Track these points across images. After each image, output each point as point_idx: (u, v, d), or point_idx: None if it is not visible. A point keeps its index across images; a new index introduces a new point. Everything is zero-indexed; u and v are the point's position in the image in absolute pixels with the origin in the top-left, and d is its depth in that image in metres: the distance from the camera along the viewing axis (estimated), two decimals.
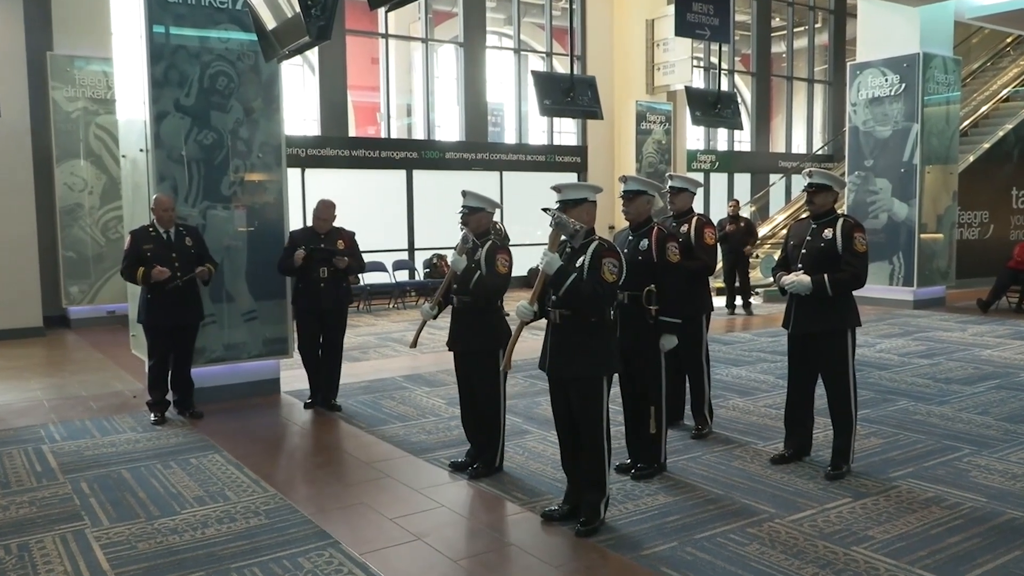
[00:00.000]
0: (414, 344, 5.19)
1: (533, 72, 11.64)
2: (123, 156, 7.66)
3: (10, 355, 9.03)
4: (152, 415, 6.09)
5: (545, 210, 4.03)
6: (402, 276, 13.56)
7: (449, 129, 15.67)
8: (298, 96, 14.31)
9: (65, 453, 5.37)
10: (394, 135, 14.99)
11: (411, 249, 14.63)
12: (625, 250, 4.64)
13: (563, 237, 3.97)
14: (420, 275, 13.99)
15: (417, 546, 3.90)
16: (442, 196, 14.29)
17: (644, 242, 4.67)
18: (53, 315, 10.84)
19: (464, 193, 4.82)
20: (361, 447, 5.53)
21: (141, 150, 6.75)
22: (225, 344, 6.66)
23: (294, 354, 6.88)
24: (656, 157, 16.43)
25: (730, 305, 11.89)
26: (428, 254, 14.40)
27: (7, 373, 8.15)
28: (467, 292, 4.73)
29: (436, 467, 5.05)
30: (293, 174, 12.24)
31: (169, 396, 6.21)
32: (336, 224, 6.54)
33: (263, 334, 6.85)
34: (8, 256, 9.95)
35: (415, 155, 14.52)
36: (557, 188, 4.12)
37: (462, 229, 4.82)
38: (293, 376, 7.19)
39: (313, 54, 13.49)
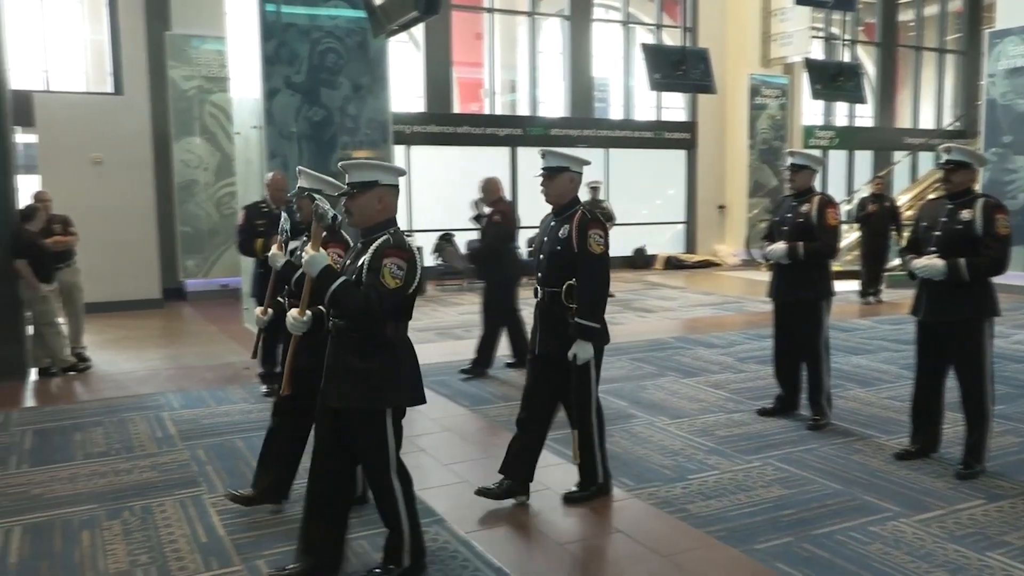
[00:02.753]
0: None
1: (643, 45, 11.37)
2: (236, 133, 7.87)
3: (131, 325, 9.47)
4: (263, 387, 6.24)
5: (342, 195, 3.24)
6: None
7: (553, 105, 15.50)
8: (403, 73, 14.42)
9: (183, 421, 5.56)
10: (498, 111, 14.93)
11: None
12: (545, 238, 4.06)
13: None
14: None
15: (522, 527, 3.84)
16: None
17: (564, 228, 3.94)
18: (170, 287, 11.30)
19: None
20: (464, 425, 5.51)
21: (254, 127, 6.90)
22: None
23: None
24: (770, 133, 15.85)
25: (867, 293, 10.84)
26: (531, 233, 14.31)
27: (129, 343, 8.54)
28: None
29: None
30: (398, 151, 12.35)
31: (278, 369, 6.34)
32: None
33: None
34: (129, 230, 10.40)
35: (519, 132, 14.44)
36: (344, 168, 3.18)
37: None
38: None
39: (418, 30, 13.55)
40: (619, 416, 5.58)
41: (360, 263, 3.05)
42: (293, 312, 3.23)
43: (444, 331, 8.73)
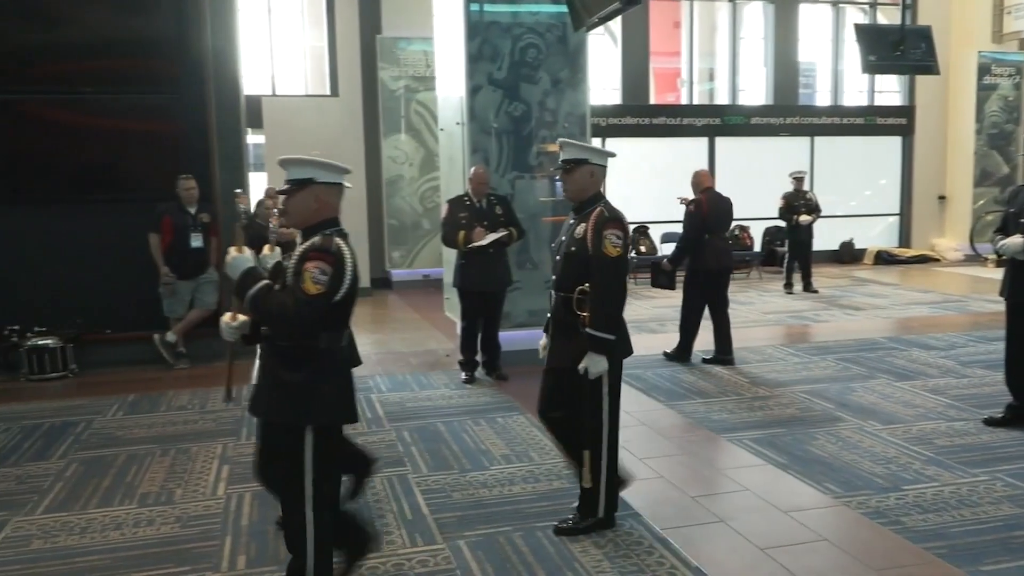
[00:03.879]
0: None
1: (856, 26, 10.68)
2: (441, 129, 8.19)
3: None
4: (463, 374, 6.47)
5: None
6: None
7: (754, 93, 14.91)
8: (599, 66, 14.41)
9: (390, 403, 5.88)
10: (695, 101, 14.58)
11: None
12: (563, 237, 3.73)
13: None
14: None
15: (720, 528, 3.74)
16: (747, 164, 13.71)
17: (581, 227, 3.58)
18: (378, 277, 12.00)
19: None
20: (658, 420, 5.44)
21: (457, 123, 7.16)
22: (529, 310, 6.90)
23: None
24: (1001, 116, 14.40)
25: None
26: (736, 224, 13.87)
27: None
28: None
29: (739, 448, 4.83)
30: (595, 144, 12.35)
31: (478, 357, 6.56)
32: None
33: None
34: (342, 223, 11.11)
35: (717, 121, 14.02)
36: (281, 164, 2.94)
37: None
38: None
39: (616, 22, 13.48)
40: (824, 419, 5.30)
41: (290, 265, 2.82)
42: (225, 316, 3.01)
43: (639, 324, 8.66)
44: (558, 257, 3.73)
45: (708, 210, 6.87)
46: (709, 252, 6.82)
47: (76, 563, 3.51)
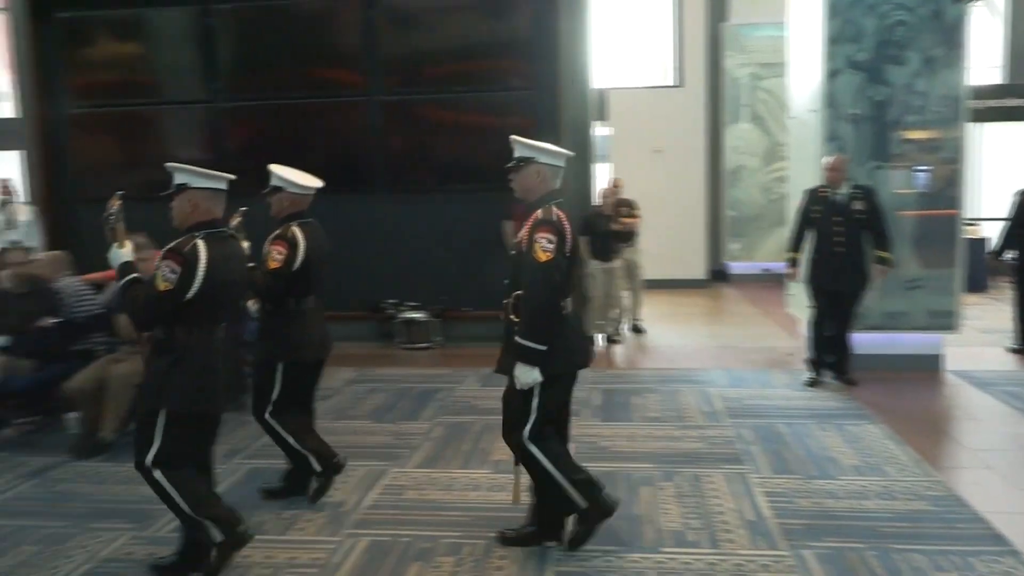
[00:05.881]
0: None
1: None
2: (791, 118, 7.82)
3: (679, 303, 10.13)
4: (807, 374, 6.14)
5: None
6: None
7: None
8: (976, 41, 12.77)
9: (728, 398, 5.76)
10: None
11: None
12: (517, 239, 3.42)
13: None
14: None
15: None
16: None
17: (524, 230, 3.33)
18: (715, 269, 11.81)
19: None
20: None
21: (811, 110, 6.77)
22: (885, 312, 6.35)
23: (960, 330, 6.30)
24: None
25: None
26: None
27: (678, 319, 9.16)
28: None
29: None
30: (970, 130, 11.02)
31: (826, 358, 6.18)
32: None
33: (927, 305, 6.35)
34: (681, 214, 11.14)
35: None
36: (168, 168, 3.23)
37: None
38: (959, 354, 6.55)
39: None
40: None
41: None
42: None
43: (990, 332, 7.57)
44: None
45: None
46: None
47: (440, 515, 3.89)
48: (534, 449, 3.33)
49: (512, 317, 3.33)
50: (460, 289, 7.77)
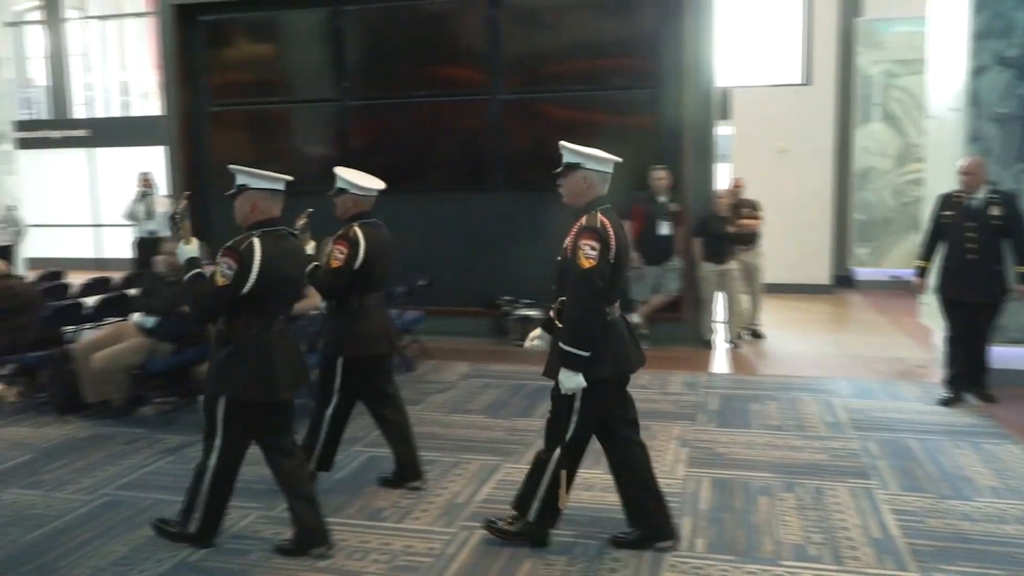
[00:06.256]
0: None
1: None
2: (929, 117, 7.43)
3: (800, 308, 9.78)
4: (943, 391, 5.77)
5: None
6: None
7: None
8: None
9: (853, 409, 5.52)
10: None
11: None
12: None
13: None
14: None
15: None
16: None
17: (569, 236, 3.37)
18: (839, 275, 11.33)
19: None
20: None
21: (953, 109, 6.41)
22: None
23: None
24: None
25: None
26: None
27: (798, 325, 8.84)
28: None
29: None
30: None
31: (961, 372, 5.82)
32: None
33: None
34: (804, 216, 10.72)
35: None
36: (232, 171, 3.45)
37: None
38: None
39: None
40: None
41: None
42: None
43: None
44: None
45: None
46: None
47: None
48: (563, 458, 3.42)
49: (557, 323, 3.38)
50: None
